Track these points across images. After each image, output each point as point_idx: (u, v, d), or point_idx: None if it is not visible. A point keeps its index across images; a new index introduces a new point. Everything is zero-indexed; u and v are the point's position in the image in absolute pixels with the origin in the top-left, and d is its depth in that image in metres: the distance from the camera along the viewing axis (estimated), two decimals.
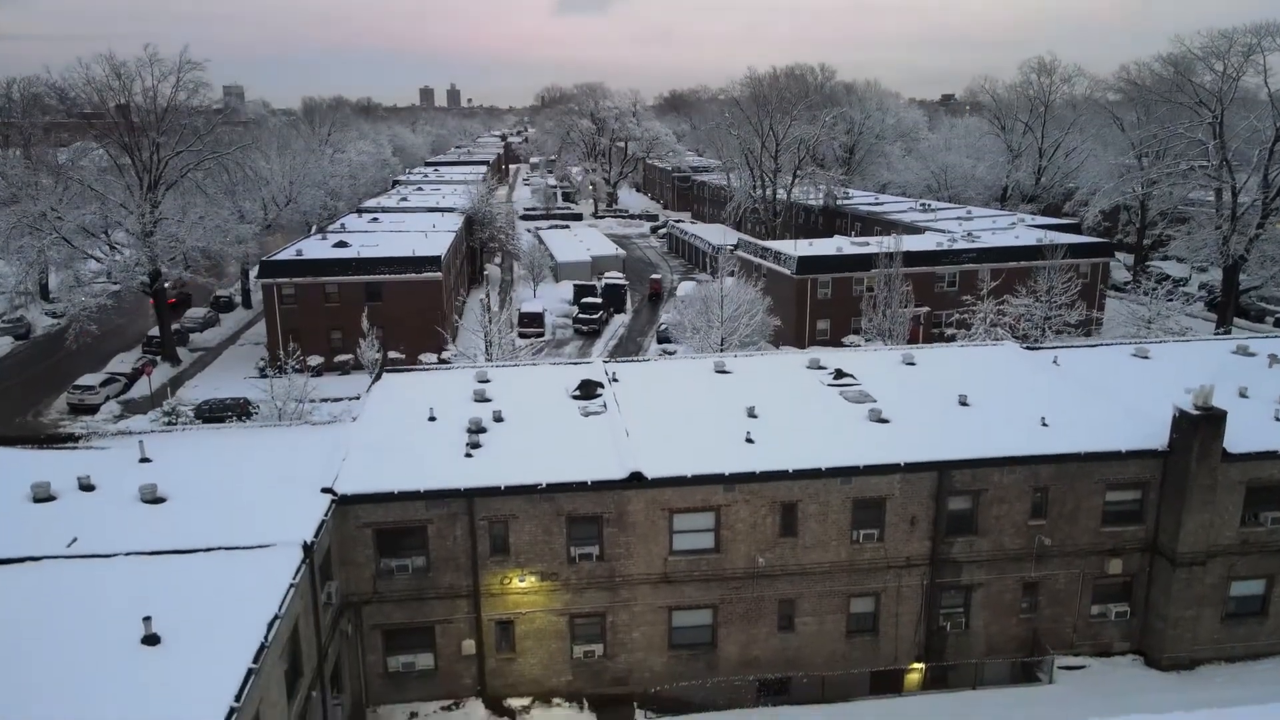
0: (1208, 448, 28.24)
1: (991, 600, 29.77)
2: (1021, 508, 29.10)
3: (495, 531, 27.35)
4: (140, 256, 59.48)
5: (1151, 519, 29.74)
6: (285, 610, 20.32)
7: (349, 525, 26.61)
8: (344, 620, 26.81)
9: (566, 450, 28.78)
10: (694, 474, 27.63)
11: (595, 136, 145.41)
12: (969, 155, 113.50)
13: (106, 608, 19.84)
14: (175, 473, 26.94)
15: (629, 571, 28.00)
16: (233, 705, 16.77)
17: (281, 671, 20.42)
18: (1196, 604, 29.66)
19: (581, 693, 28.66)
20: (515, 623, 28.09)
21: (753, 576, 28.50)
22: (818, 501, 28.20)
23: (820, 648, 29.37)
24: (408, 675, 28.01)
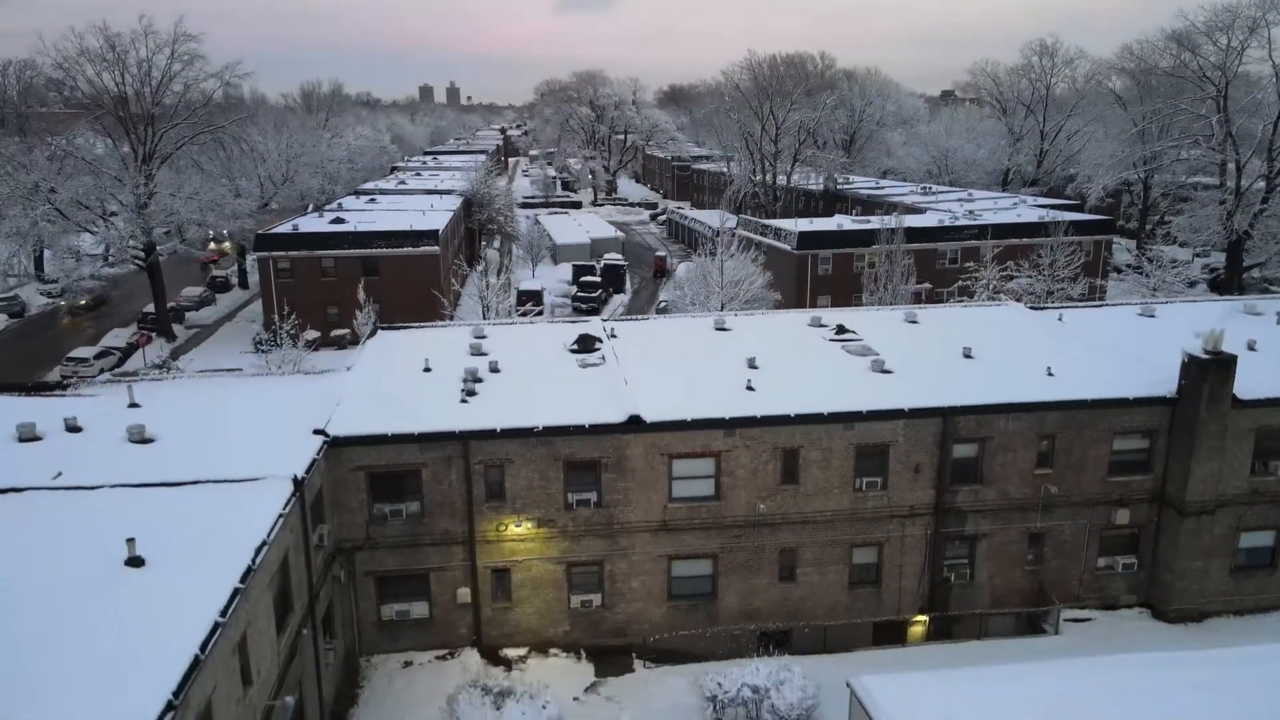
0: (1217, 393, 27.71)
1: (996, 551, 29.23)
2: (1027, 456, 28.57)
3: (491, 476, 26.80)
4: (134, 229, 58.89)
5: (1159, 469, 29.22)
6: (273, 538, 19.77)
7: (341, 468, 26.06)
8: (336, 566, 26.28)
9: (564, 398, 28.24)
10: (693, 418, 27.10)
11: (594, 124, 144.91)
12: (970, 140, 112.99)
13: (90, 535, 19.28)
14: (164, 416, 26.39)
15: (628, 519, 27.46)
16: (218, 620, 16.23)
17: (270, 601, 19.88)
18: (1205, 555, 29.13)
19: (579, 644, 28.12)
20: (511, 571, 27.54)
21: (754, 525, 27.95)
22: (820, 448, 27.66)
23: (822, 599, 28.83)
24: (402, 624, 27.47)
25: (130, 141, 60.13)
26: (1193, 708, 19.44)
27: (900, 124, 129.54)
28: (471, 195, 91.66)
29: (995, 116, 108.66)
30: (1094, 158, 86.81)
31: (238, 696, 17.39)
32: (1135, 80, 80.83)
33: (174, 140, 62.21)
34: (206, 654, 15.53)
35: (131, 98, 60.67)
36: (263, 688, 18.86)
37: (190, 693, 14.97)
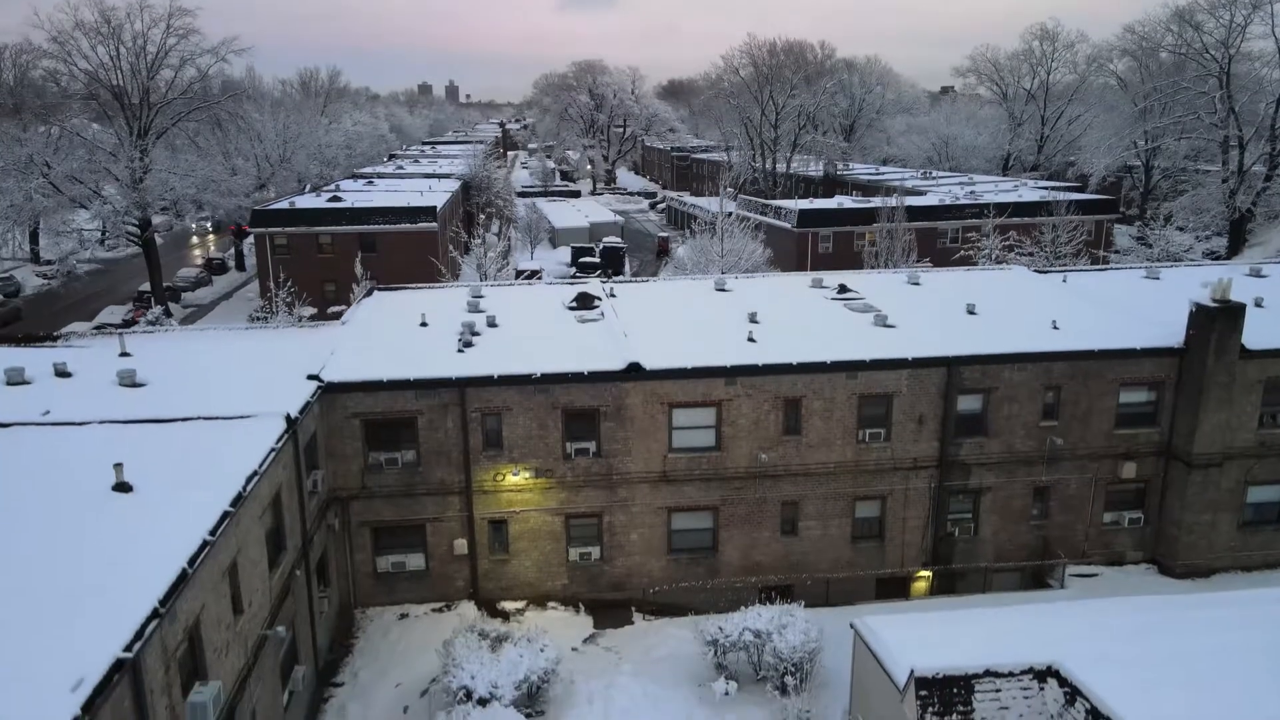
0: (1225, 342, 27.30)
1: (1001, 505, 28.82)
2: (1033, 408, 28.15)
3: (488, 425, 26.37)
4: (129, 205, 58.41)
5: (1166, 422, 28.80)
6: (265, 469, 19.33)
7: (336, 415, 25.62)
8: (331, 514, 25.84)
9: (562, 349, 27.79)
10: (694, 365, 26.68)
11: (593, 113, 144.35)
12: (970, 127, 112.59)
13: (76, 465, 18.84)
14: (156, 363, 25.94)
15: (627, 469, 27.03)
16: (206, 538, 15.78)
17: (262, 535, 19.44)
18: (1212, 509, 28.72)
19: (578, 597, 27.69)
20: (509, 522, 27.11)
21: (755, 477, 27.52)
22: (822, 398, 27.24)
23: (824, 553, 28.40)
24: (397, 576, 27.03)
25: (125, 116, 59.63)
26: (1202, 642, 19.02)
27: (900, 112, 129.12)
28: (470, 179, 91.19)
29: (996, 101, 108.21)
30: (1096, 142, 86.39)
31: (228, 622, 16.94)
32: (1137, 61, 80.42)
33: (170, 116, 61.72)
34: (194, 569, 15.09)
35: (126, 73, 60.18)
36: (254, 619, 18.42)
37: (177, 605, 14.54)
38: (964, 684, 18.16)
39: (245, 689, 17.65)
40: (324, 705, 23.04)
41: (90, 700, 11.52)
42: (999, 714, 18.16)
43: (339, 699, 23.29)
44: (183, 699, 14.79)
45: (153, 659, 13.53)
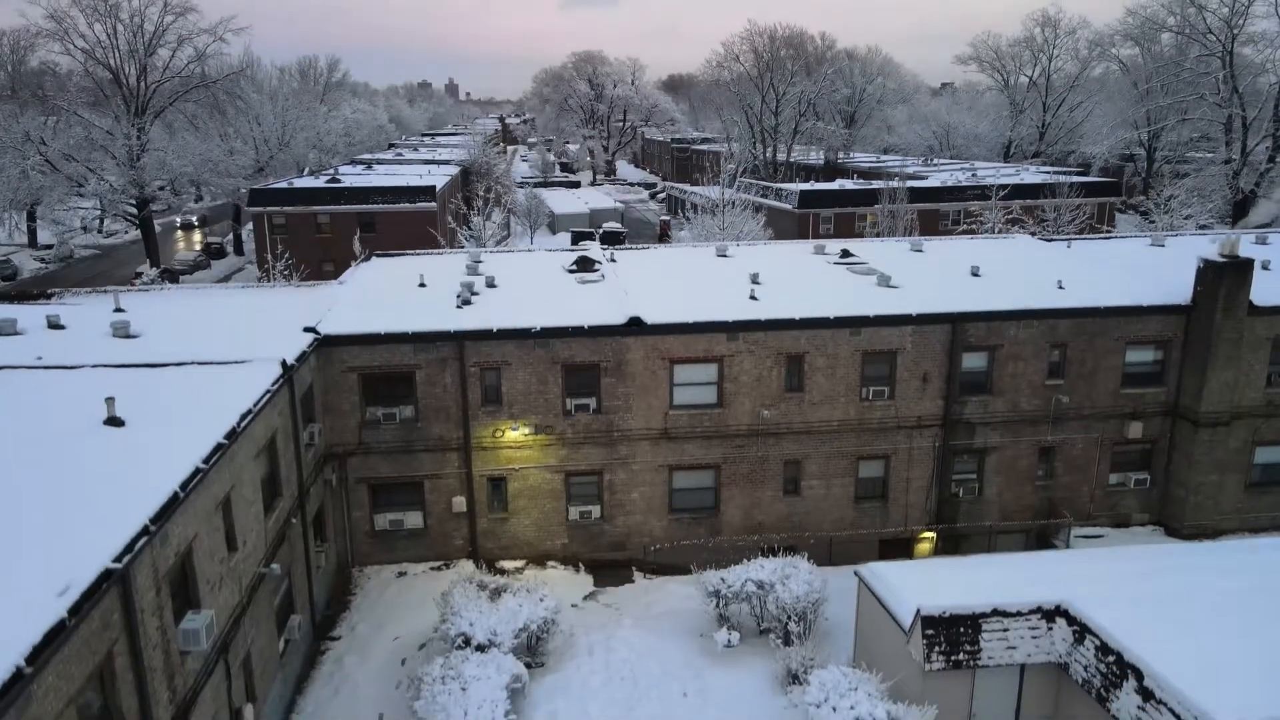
0: (1233, 298, 26.98)
1: (1006, 466, 28.49)
2: (1038, 366, 27.83)
3: (487, 380, 26.04)
4: (126, 183, 58.04)
5: (1173, 381, 28.49)
6: (259, 408, 19.00)
7: (333, 369, 25.29)
8: (328, 470, 25.51)
9: (563, 306, 27.47)
10: (695, 320, 26.36)
11: (593, 103, 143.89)
12: (971, 115, 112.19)
13: (68, 403, 18.52)
14: (151, 318, 25.65)
15: (628, 426, 26.70)
16: (199, 465, 15.45)
17: (257, 477, 19.11)
18: (1219, 469, 28.40)
19: (578, 557, 27.37)
20: (508, 480, 26.78)
21: (757, 434, 27.20)
22: (825, 354, 26.91)
23: (827, 513, 28.08)
24: (395, 534, 26.71)
25: (122, 95, 59.28)
26: (1208, 584, 18.73)
27: (901, 102, 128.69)
28: (470, 165, 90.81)
29: (997, 89, 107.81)
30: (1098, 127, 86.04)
31: (221, 556, 16.62)
32: (1139, 45, 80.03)
33: (167, 95, 61.36)
34: (186, 494, 14.76)
35: (124, 52, 59.83)
36: (248, 559, 18.09)
37: (169, 529, 14.22)
38: (971, 623, 17.86)
39: (240, 627, 17.33)
40: (320, 658, 22.71)
41: (77, 605, 11.19)
42: (1006, 653, 17.87)
43: (336, 651, 22.96)
44: (175, 625, 14.47)
45: (143, 577, 13.21)
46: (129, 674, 12.66)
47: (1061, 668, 17.83)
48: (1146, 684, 15.67)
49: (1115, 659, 16.49)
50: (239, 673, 17.25)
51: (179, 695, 14.32)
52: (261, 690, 18.55)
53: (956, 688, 17.97)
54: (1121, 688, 16.14)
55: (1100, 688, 16.62)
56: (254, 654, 18.18)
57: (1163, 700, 15.28)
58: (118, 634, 12.37)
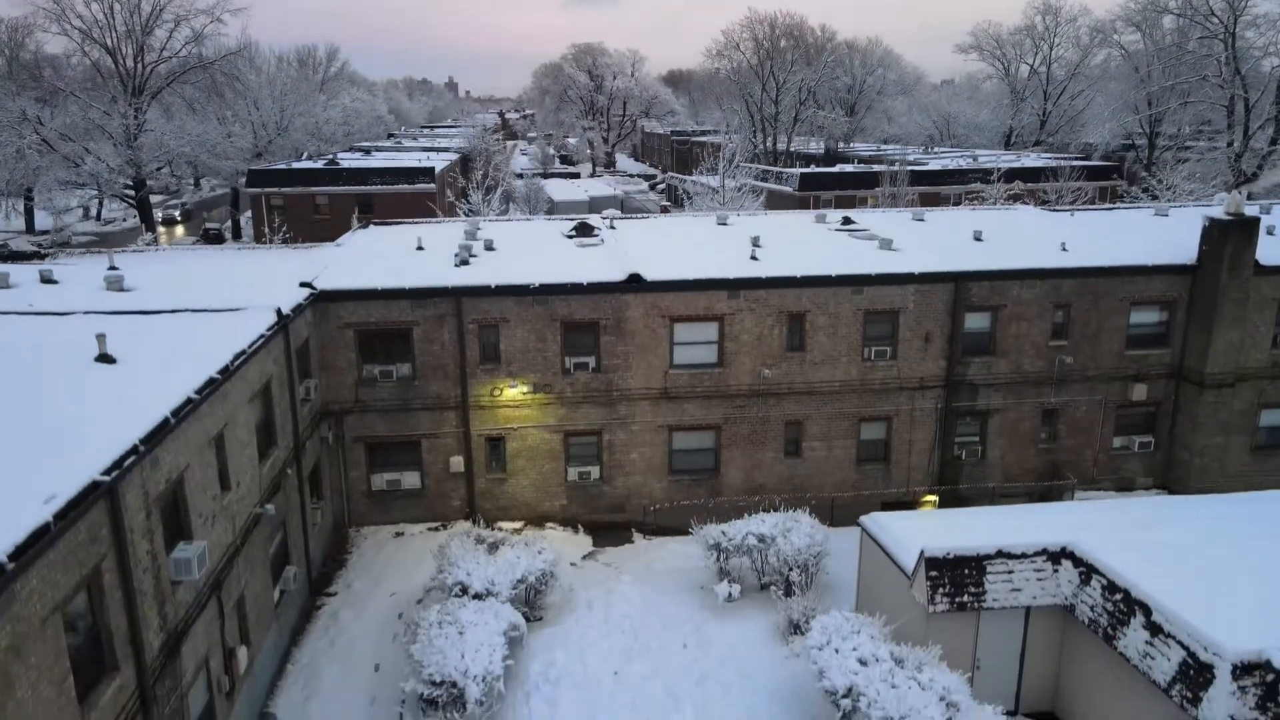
0: (1239, 256, 26.72)
1: (1009, 428, 28.22)
2: (1041, 327, 27.56)
3: (485, 337, 25.77)
4: (122, 162, 57.75)
5: (1178, 343, 28.22)
6: (254, 351, 18.73)
7: (330, 325, 25.02)
8: (324, 427, 25.24)
9: (562, 266, 27.18)
10: (696, 277, 26.10)
11: (593, 94, 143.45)
12: (971, 104, 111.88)
13: (59, 344, 18.24)
14: (145, 274, 25.36)
15: (627, 385, 26.43)
16: (191, 395, 15.18)
17: (251, 421, 18.84)
18: (1224, 431, 28.14)
19: (577, 518, 27.10)
20: (506, 440, 26.51)
21: (758, 395, 26.93)
22: (827, 313, 26.65)
23: (829, 475, 27.81)
24: (392, 494, 26.44)
25: (119, 75, 58.99)
26: (1214, 530, 18.47)
27: (901, 93, 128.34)
28: (469, 152, 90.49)
29: (999, 77, 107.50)
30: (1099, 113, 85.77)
31: (214, 493, 16.36)
32: (1140, 30, 79.69)
33: (164, 76, 61.05)
34: (177, 421, 14.50)
35: (121, 33, 59.51)
36: (242, 501, 17.83)
37: (160, 454, 13.95)
38: (975, 564, 17.59)
39: (233, 567, 17.07)
40: (316, 612, 22.44)
41: (63, 512, 10.92)
42: (1011, 596, 17.61)
43: (331, 607, 22.69)
44: (166, 554, 14.20)
45: (132, 496, 12.94)
46: (118, 593, 12.40)
47: (1067, 610, 17.56)
48: (1155, 619, 15.41)
49: (1123, 596, 16.23)
50: (232, 613, 16.98)
51: (170, 623, 14.06)
52: (256, 637, 18.29)
53: (961, 630, 17.70)
54: (1129, 624, 15.88)
55: (1107, 626, 16.36)
56: (248, 598, 17.92)
57: (1171, 634, 15.02)
58: (106, 550, 12.10)
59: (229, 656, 16.60)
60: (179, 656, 14.33)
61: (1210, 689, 14.03)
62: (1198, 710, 14.13)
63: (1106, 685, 16.78)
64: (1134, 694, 15.95)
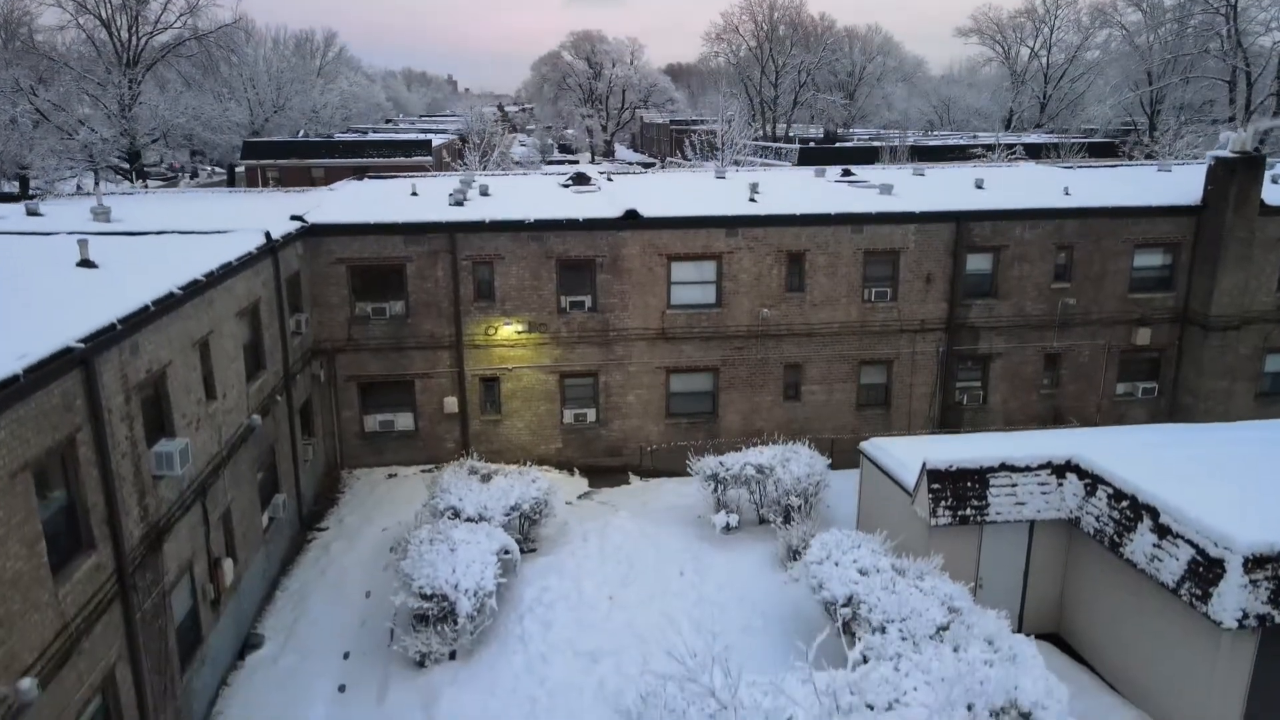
0: (1245, 195, 26.33)
1: (1011, 372, 27.83)
2: (1044, 268, 27.17)
3: (480, 274, 25.37)
4: (116, 133, 57.32)
5: (1182, 286, 27.83)
6: (240, 265, 18.33)
7: (321, 260, 24.63)
8: (316, 365, 24.84)
9: (558, 208, 26.78)
10: (693, 214, 25.73)
11: (592, 81, 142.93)
12: (971, 90, 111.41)
13: (41, 255, 17.85)
14: (134, 208, 25.03)
15: (624, 325, 26.03)
16: (174, 290, 14.78)
17: (239, 337, 18.43)
18: (1230, 376, 27.75)
19: (573, 462, 26.70)
20: (501, 380, 26.11)
21: (757, 336, 26.53)
22: (826, 252, 26.25)
23: (828, 420, 27.41)
24: (385, 436, 26.04)
25: (114, 46, 58.58)
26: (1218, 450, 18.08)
27: (901, 79, 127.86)
28: (467, 134, 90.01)
29: (1000, 60, 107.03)
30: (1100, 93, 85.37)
31: (199, 398, 15.96)
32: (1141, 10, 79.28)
33: (159, 49, 60.63)
34: (159, 312, 14.11)
35: (116, 3, 59.07)
36: (229, 414, 17.43)
37: (140, 341, 13.55)
38: (978, 478, 17.21)
39: (219, 479, 16.67)
40: (307, 545, 22.06)
41: (34, 367, 10.52)
42: (1015, 509, 17.23)
43: (323, 540, 22.31)
44: (148, 447, 13.81)
45: (110, 376, 12.54)
46: (94, 470, 12.00)
47: (1072, 523, 17.18)
48: (1163, 520, 15.02)
49: (1129, 503, 15.84)
50: (218, 525, 16.59)
51: (151, 517, 13.66)
52: (243, 555, 17.88)
53: (963, 546, 17.32)
54: (1135, 530, 15.50)
55: (1113, 534, 15.97)
56: (235, 514, 17.52)
57: (1179, 534, 14.63)
58: (81, 421, 11.70)
59: (214, 567, 16.21)
60: (160, 552, 13.94)
61: (1221, 584, 13.64)
62: (1207, 607, 13.75)
63: (1112, 596, 16.39)
64: (1140, 601, 15.57)
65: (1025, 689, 12.82)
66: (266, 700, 16.19)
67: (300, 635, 18.18)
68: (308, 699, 16.19)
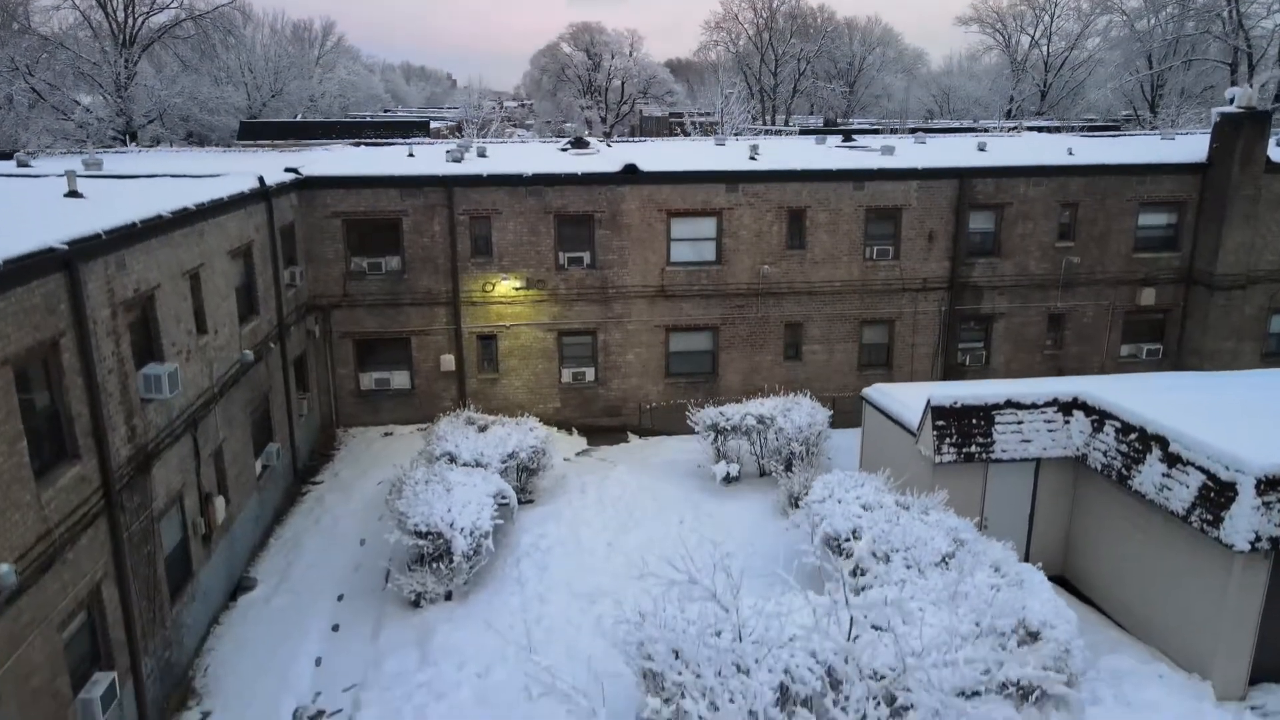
0: (1251, 151, 26.04)
1: (1014, 333, 27.53)
2: (1048, 227, 26.87)
3: (477, 229, 25.06)
4: (112, 112, 56.95)
5: (1188, 246, 27.53)
6: (232, 200, 18.02)
7: (316, 214, 24.31)
8: (311, 320, 24.53)
9: (556, 167, 26.47)
10: (693, 169, 25.44)
11: (591, 73, 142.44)
12: (970, 80, 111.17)
13: (28, 190, 17.56)
14: (128, 164, 24.68)
15: (623, 283, 25.72)
16: (163, 213, 14.47)
17: (230, 276, 18.10)
18: (1235, 336, 27.45)
19: (571, 422, 26.38)
20: (499, 338, 25.80)
21: (757, 294, 26.23)
22: (828, 209, 25.94)
23: (829, 379, 27.10)
24: (381, 394, 25.73)
25: (110, 26, 58.21)
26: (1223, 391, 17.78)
27: (901, 70, 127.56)
28: (464, 121, 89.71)
29: (1000, 49, 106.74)
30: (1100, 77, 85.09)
31: (189, 329, 15.64)
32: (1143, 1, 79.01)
33: (156, 29, 60.25)
34: (146, 232, 13.81)
35: None
36: (221, 350, 17.11)
37: (127, 257, 13.25)
38: (984, 414, 16.92)
39: (210, 414, 16.35)
40: (302, 497, 21.75)
41: (14, 260, 10.21)
42: (1021, 447, 16.93)
43: (317, 492, 22.01)
44: (136, 370, 13.50)
45: (95, 286, 12.24)
46: (79, 379, 11.69)
47: (1079, 460, 16.88)
48: (1172, 450, 14.71)
49: (1138, 435, 15.54)
50: (209, 461, 16.28)
51: (139, 438, 13.34)
52: (236, 498, 17.57)
53: (968, 484, 17.02)
54: (1144, 461, 15.20)
55: (1121, 468, 15.68)
56: (227, 454, 17.21)
57: (1190, 460, 14.33)
58: (65, 327, 11.39)
59: (205, 502, 15.90)
60: (149, 476, 13.63)
61: (1232, 506, 13.34)
62: (1219, 531, 13.45)
63: (1119, 533, 16.09)
64: (1149, 535, 15.27)
65: (1033, 609, 12.55)
66: (258, 637, 15.89)
67: (293, 579, 17.87)
68: (300, 636, 15.89)
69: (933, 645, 9.73)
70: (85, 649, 11.84)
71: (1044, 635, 12.06)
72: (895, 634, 9.48)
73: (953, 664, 9.33)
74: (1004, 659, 9.40)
